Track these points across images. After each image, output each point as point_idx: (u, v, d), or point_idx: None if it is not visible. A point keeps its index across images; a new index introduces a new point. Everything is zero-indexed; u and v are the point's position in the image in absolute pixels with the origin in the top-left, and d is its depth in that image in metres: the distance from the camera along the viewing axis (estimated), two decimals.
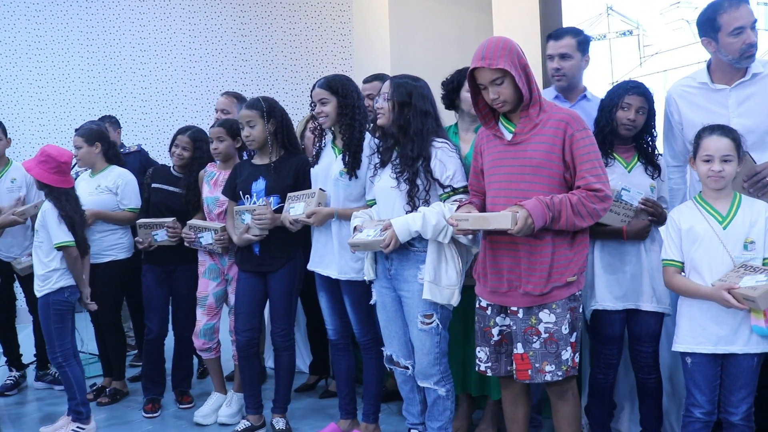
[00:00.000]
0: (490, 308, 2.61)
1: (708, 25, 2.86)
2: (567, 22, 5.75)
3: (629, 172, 2.85)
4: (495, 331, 2.61)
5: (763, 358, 2.49)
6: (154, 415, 3.85)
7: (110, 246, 3.96)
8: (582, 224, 2.45)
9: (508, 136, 2.55)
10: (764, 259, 2.45)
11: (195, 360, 4.25)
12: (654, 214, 2.81)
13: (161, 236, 3.72)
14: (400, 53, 6.64)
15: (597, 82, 5.27)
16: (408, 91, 2.83)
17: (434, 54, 6.45)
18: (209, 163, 3.75)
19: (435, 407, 2.90)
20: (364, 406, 3.35)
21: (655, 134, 2.88)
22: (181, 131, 3.88)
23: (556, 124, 2.48)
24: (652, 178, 2.86)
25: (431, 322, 2.81)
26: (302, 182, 3.33)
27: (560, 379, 2.51)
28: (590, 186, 2.43)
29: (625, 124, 2.80)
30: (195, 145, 3.82)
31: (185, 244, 3.66)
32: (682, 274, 2.56)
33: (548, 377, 2.50)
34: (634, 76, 5.03)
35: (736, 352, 2.46)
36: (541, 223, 2.38)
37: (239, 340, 3.47)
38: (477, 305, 2.68)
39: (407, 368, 2.97)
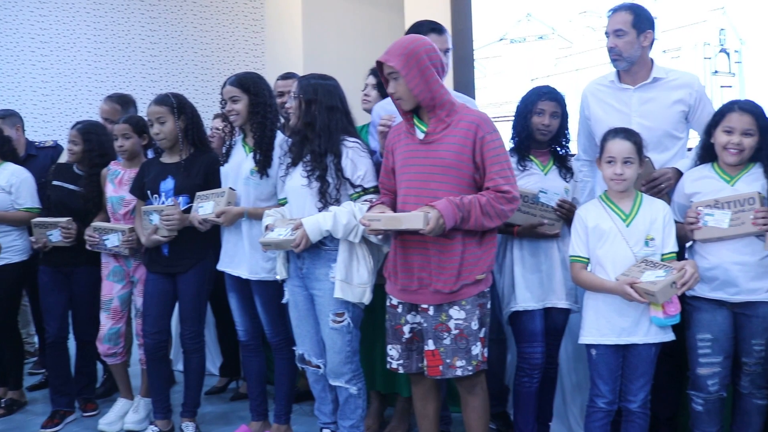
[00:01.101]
0: (400, 306, 2.63)
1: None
2: (477, 22, 5.90)
3: (545, 174, 2.91)
4: (406, 328, 2.62)
5: (659, 349, 2.61)
6: (53, 430, 3.62)
7: (4, 249, 3.73)
8: (490, 224, 2.49)
9: (420, 135, 2.56)
10: (662, 254, 2.57)
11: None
12: (569, 217, 2.87)
13: (56, 236, 3.53)
14: (312, 51, 6.62)
15: (518, 81, 5.48)
16: (314, 88, 2.83)
17: (347, 52, 6.47)
18: (113, 161, 3.61)
19: (347, 406, 2.90)
20: (276, 407, 3.31)
21: (568, 137, 2.97)
22: (74, 126, 3.70)
23: (467, 125, 2.50)
24: (566, 181, 2.94)
25: (343, 321, 2.81)
26: (212, 181, 3.25)
27: (471, 373, 2.55)
28: (499, 187, 2.47)
29: (540, 129, 2.86)
30: (84, 138, 3.62)
31: (87, 246, 3.49)
32: (588, 269, 2.65)
33: (459, 372, 2.53)
34: (550, 74, 5.29)
35: (636, 342, 2.56)
36: (451, 223, 2.41)
37: (147, 343, 3.37)
38: (388, 303, 2.68)
39: (319, 367, 2.96)
